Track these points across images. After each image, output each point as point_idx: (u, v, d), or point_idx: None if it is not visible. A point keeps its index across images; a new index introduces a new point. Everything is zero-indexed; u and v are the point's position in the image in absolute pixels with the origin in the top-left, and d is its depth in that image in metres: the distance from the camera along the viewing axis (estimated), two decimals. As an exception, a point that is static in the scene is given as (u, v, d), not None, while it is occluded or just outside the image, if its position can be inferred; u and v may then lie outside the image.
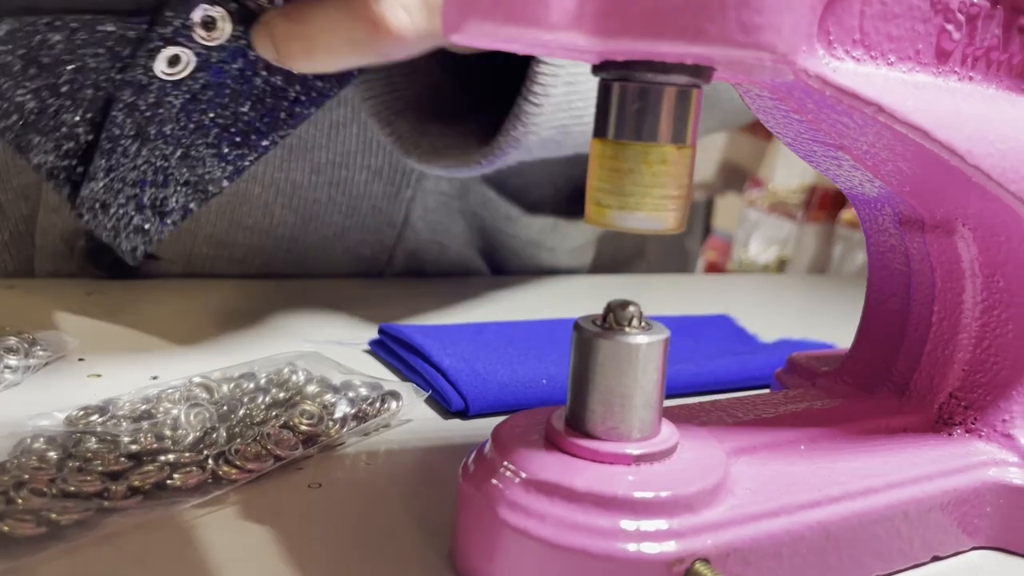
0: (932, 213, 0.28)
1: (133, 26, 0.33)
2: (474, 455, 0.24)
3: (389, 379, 0.35)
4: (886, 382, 0.30)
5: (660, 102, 0.21)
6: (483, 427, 0.33)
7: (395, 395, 0.32)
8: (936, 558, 0.26)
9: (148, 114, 0.34)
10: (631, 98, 0.21)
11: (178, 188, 0.35)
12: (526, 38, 0.19)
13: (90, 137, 0.34)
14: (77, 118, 0.34)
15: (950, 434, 0.28)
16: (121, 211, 0.35)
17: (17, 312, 0.42)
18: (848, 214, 1.47)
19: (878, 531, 0.24)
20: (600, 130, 0.21)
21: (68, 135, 0.34)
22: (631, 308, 0.23)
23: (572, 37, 0.19)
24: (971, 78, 0.26)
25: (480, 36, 0.19)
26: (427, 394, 0.33)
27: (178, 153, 0.34)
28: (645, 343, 0.22)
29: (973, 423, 0.28)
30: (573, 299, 0.55)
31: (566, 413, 0.23)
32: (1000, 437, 0.27)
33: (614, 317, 0.23)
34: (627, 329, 0.22)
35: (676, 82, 0.21)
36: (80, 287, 0.47)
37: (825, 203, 1.58)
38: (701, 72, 0.21)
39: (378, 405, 0.32)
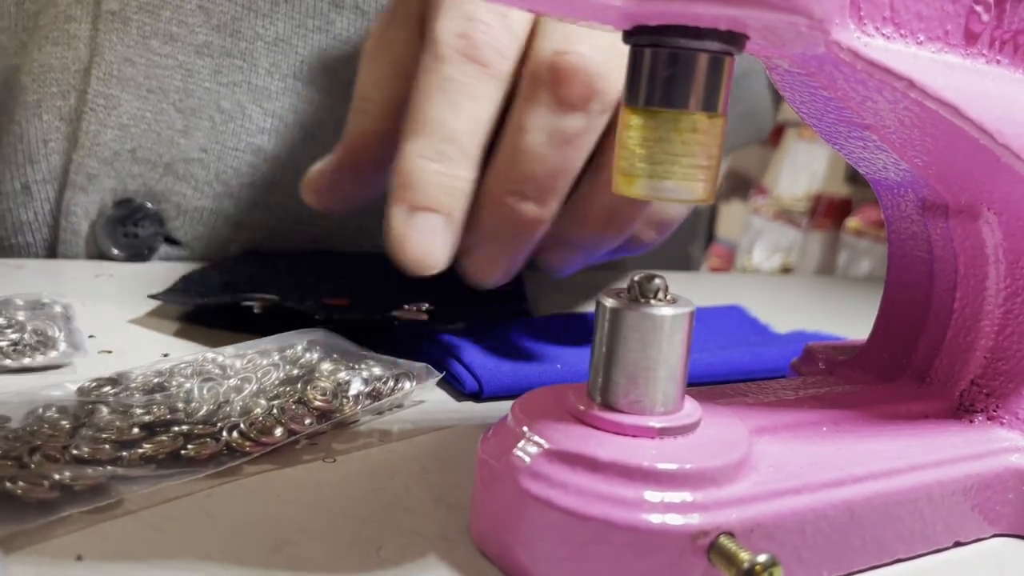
0: (957, 197, 0.27)
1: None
2: (494, 427, 0.23)
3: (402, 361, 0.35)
4: (906, 370, 0.30)
5: (692, 69, 0.20)
6: (496, 409, 0.33)
7: (409, 375, 0.32)
8: (958, 544, 0.26)
9: None
10: (663, 64, 0.21)
11: None
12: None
13: None
14: None
15: (971, 421, 0.28)
16: None
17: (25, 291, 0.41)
18: (853, 222, 1.47)
19: (901, 513, 0.24)
20: (630, 98, 0.21)
21: None
22: (656, 281, 0.22)
23: (607, -3, 0.18)
24: (998, 61, 0.26)
25: (514, -5, 0.19)
26: (441, 375, 0.33)
27: None
28: (671, 315, 0.22)
29: (995, 410, 0.28)
30: (580, 295, 0.55)
31: (588, 386, 0.23)
32: (1022, 424, 0.27)
33: (639, 289, 0.22)
34: (652, 301, 0.22)
35: (709, 48, 0.20)
36: (89, 269, 0.47)
37: (830, 211, 1.58)
38: (734, 39, 0.20)
39: (392, 384, 0.31)
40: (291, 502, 0.24)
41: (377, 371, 0.32)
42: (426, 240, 0.30)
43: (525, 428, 0.22)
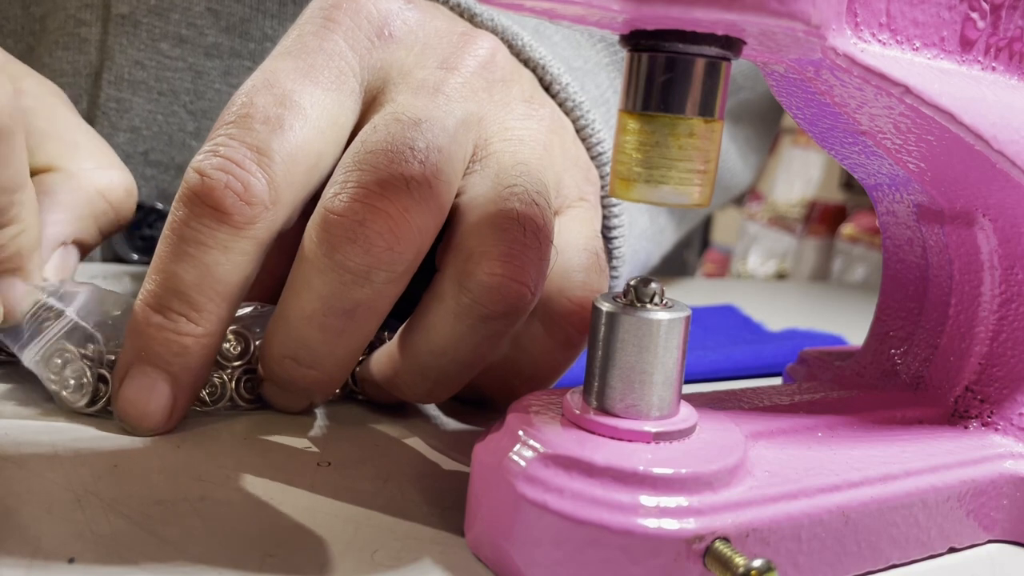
0: (952, 203, 0.27)
1: None
2: (490, 431, 0.23)
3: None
4: (901, 375, 0.30)
5: (689, 73, 0.20)
6: (496, 411, 0.33)
7: None
8: (952, 550, 0.26)
9: None
10: (660, 69, 0.21)
11: None
12: (559, 2, 0.19)
13: None
14: None
15: (966, 427, 0.28)
16: None
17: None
18: (848, 228, 1.48)
19: (896, 518, 0.24)
20: (628, 102, 0.21)
21: None
22: (652, 285, 0.22)
23: (604, 1, 0.19)
24: (994, 68, 0.26)
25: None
26: None
27: None
28: (667, 319, 0.22)
29: (989, 416, 0.28)
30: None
31: (584, 391, 0.23)
32: (1017, 431, 0.27)
33: (635, 294, 0.22)
34: (648, 306, 0.22)
35: (706, 53, 0.20)
36: (84, 271, 0.47)
37: (825, 217, 1.59)
38: (731, 44, 0.21)
39: None
40: (285, 505, 0.24)
41: None
42: (141, 397, 0.26)
43: (521, 432, 0.22)
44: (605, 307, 0.22)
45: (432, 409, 0.32)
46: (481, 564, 0.22)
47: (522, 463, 0.21)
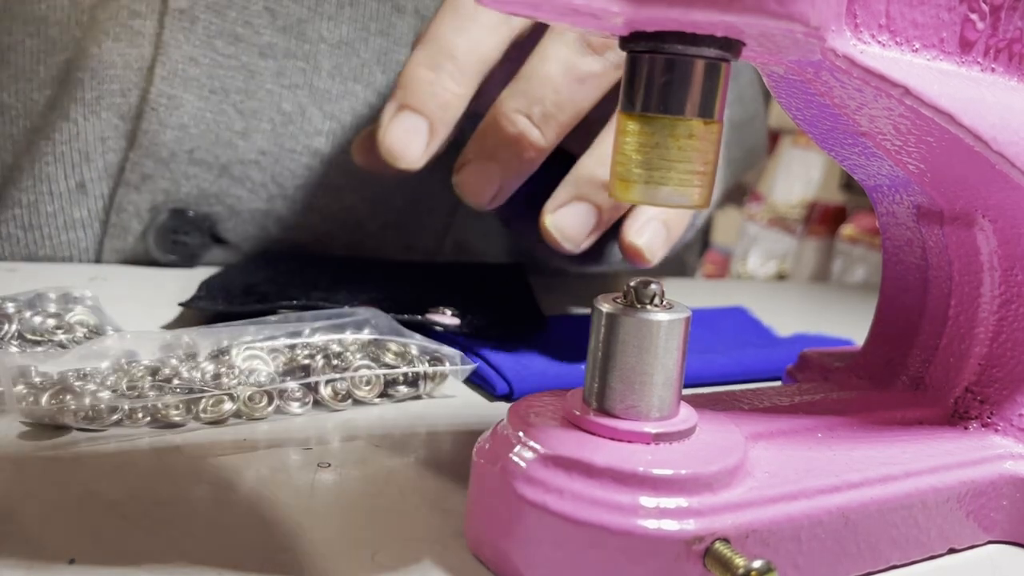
0: (952, 204, 0.28)
1: None
2: (490, 432, 0.23)
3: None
4: (901, 376, 0.30)
5: (689, 75, 0.21)
6: (498, 411, 0.33)
7: (449, 359, 0.33)
8: (952, 550, 0.26)
9: None
10: (659, 70, 0.21)
11: None
12: (557, 3, 0.19)
13: None
14: None
15: (966, 428, 0.28)
16: None
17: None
18: (848, 229, 1.48)
19: (896, 519, 0.24)
20: (627, 104, 0.21)
21: None
22: (653, 286, 0.22)
23: (604, 3, 0.19)
24: (993, 69, 0.26)
25: (511, 1, 0.19)
26: (474, 365, 0.33)
27: None
28: (667, 320, 0.22)
29: (989, 417, 0.28)
30: (584, 299, 0.55)
31: (584, 392, 0.23)
32: (1016, 431, 0.27)
33: (635, 295, 0.22)
34: (648, 307, 0.22)
35: (705, 55, 0.20)
36: (84, 272, 0.47)
37: (825, 218, 1.59)
38: (731, 46, 0.21)
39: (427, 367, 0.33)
40: (286, 507, 0.24)
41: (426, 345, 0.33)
42: (404, 137, 0.34)
43: (521, 433, 0.22)
44: (605, 308, 0.22)
45: (433, 409, 0.33)
46: (482, 565, 0.22)
47: (522, 464, 0.21)
